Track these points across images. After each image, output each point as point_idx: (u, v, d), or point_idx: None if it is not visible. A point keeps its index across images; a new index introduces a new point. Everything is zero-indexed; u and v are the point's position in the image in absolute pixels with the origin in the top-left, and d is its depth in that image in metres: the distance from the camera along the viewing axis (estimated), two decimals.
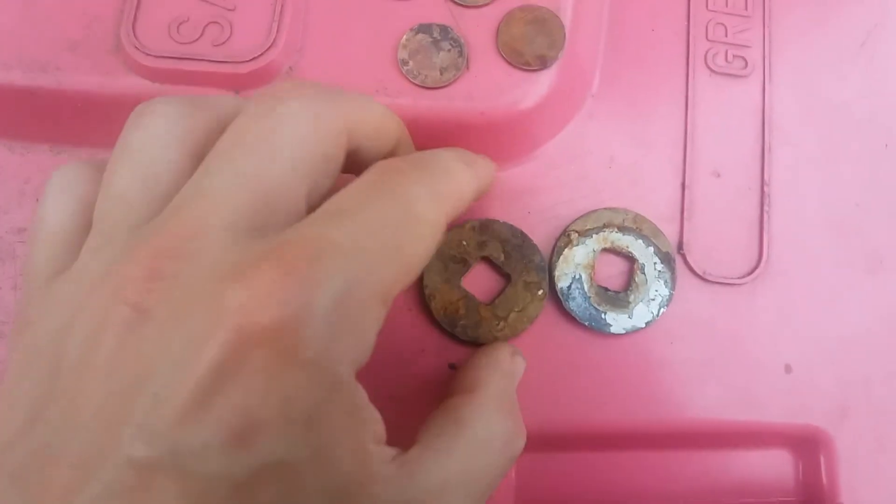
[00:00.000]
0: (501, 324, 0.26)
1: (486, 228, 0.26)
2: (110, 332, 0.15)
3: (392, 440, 0.25)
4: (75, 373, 0.15)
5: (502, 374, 0.22)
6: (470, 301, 0.26)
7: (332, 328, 0.15)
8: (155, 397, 0.14)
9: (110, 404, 0.15)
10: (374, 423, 0.18)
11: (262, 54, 0.25)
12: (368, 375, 0.25)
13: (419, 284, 0.26)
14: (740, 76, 0.29)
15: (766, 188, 0.28)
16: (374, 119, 0.20)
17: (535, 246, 0.27)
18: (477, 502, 0.19)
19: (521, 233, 0.27)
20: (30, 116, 0.27)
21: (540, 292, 0.26)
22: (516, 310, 0.26)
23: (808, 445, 0.27)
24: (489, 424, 0.20)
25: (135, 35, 0.26)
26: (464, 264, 0.26)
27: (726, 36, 0.30)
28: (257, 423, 0.14)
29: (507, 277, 0.27)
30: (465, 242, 0.26)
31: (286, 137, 0.17)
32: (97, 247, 0.17)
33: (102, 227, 0.18)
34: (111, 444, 0.14)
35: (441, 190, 0.18)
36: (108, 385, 0.15)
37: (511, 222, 0.27)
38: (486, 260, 0.27)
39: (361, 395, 0.17)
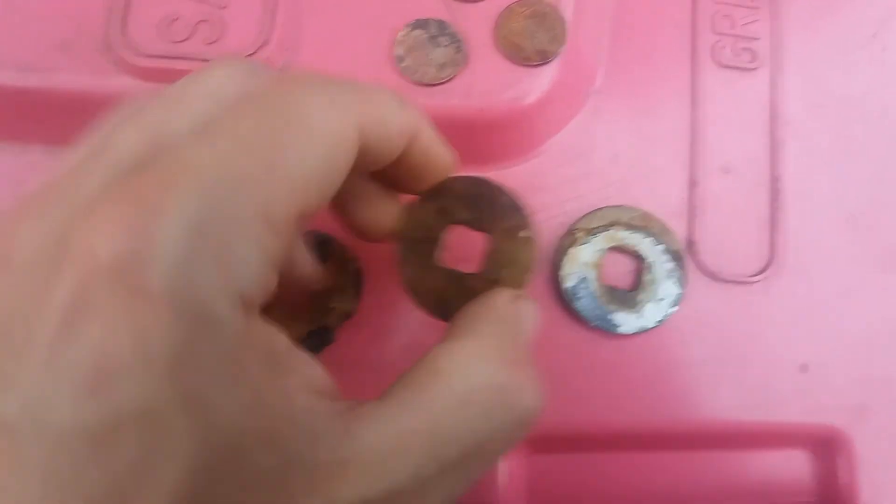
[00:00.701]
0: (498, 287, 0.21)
1: (440, 191, 0.22)
2: None
3: None
4: None
5: (497, 319, 0.19)
6: (453, 277, 0.22)
7: (190, 258, 0.14)
8: (11, 348, 0.13)
9: None
10: (304, 368, 0.16)
11: (255, 52, 0.25)
12: (369, 373, 0.25)
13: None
14: (748, 69, 0.29)
15: (776, 184, 0.27)
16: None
17: (498, 188, 0.22)
18: (450, 470, 0.16)
19: (478, 179, 0.22)
20: (22, 117, 0.26)
21: (521, 234, 0.22)
22: (506, 265, 0.22)
23: (825, 446, 0.27)
24: (471, 376, 0.17)
25: (125, 34, 0.25)
26: (431, 242, 0.22)
27: (733, 28, 0.29)
28: (109, 366, 0.13)
29: (485, 234, 0.22)
30: (424, 219, 0.22)
31: (202, 88, 0.16)
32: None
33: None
34: None
35: (346, 101, 0.16)
36: None
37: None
38: (456, 226, 0.22)
39: (273, 338, 0.16)
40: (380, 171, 0.19)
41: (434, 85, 0.25)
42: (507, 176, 0.27)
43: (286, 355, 0.16)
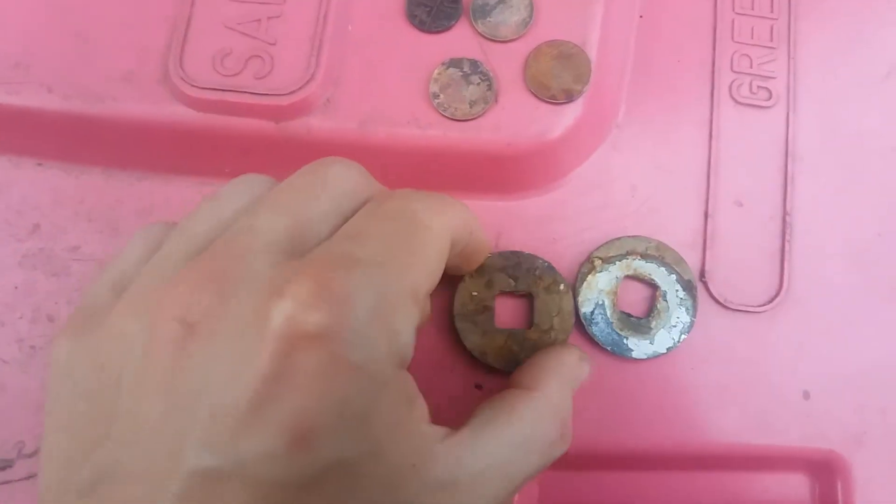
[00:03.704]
0: (553, 334, 0.27)
1: (482, 270, 0.27)
2: (161, 349, 0.17)
3: None
4: (134, 390, 0.17)
5: (564, 378, 0.23)
6: (515, 335, 0.27)
7: (371, 331, 0.17)
8: (212, 408, 0.16)
9: (171, 418, 0.16)
10: (423, 405, 0.19)
11: (301, 87, 0.27)
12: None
13: (458, 339, 0.27)
14: (764, 107, 0.30)
15: (787, 218, 0.29)
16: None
17: (531, 256, 0.28)
18: (510, 494, 0.20)
19: (511, 252, 0.28)
20: (85, 142, 0.29)
21: (561, 287, 0.27)
22: (555, 315, 0.27)
23: (825, 470, 0.28)
24: (539, 424, 0.21)
25: (182, 67, 0.27)
26: (487, 310, 0.27)
27: (751, 67, 0.30)
28: (315, 426, 0.16)
29: (528, 296, 0.28)
30: (475, 293, 0.27)
31: (329, 185, 0.20)
32: (152, 267, 0.19)
33: (161, 253, 0.20)
34: (177, 457, 0.16)
35: (437, 207, 0.20)
36: (167, 400, 0.16)
37: (536, 249, 0.28)
38: (502, 294, 0.28)
39: (410, 383, 0.19)
40: None
41: (466, 120, 0.27)
42: (531, 206, 0.29)
43: (414, 394, 0.19)
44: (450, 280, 0.28)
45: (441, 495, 0.18)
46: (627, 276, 0.28)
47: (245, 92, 0.27)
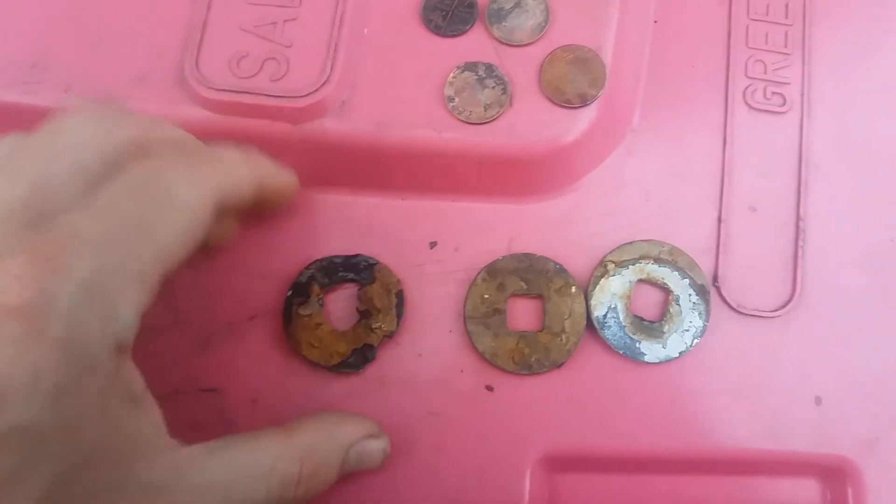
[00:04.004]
0: (564, 337, 0.27)
1: (494, 272, 0.28)
2: None
3: (430, 453, 0.27)
4: None
5: (330, 436, 0.24)
6: (527, 338, 0.27)
7: (81, 310, 0.17)
8: None
9: None
10: (152, 408, 0.20)
11: (317, 90, 0.27)
12: (408, 391, 0.27)
13: (470, 342, 0.27)
14: (778, 112, 0.30)
15: (801, 223, 0.29)
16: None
17: (543, 258, 0.28)
18: None
19: (523, 255, 0.28)
20: None
21: (573, 289, 0.28)
22: (566, 317, 0.27)
23: (836, 475, 0.28)
24: (277, 462, 0.22)
25: (198, 69, 0.27)
26: (498, 313, 0.27)
27: (765, 73, 0.30)
28: (6, 389, 0.16)
29: (540, 298, 0.28)
30: (486, 295, 0.27)
31: (67, 143, 0.19)
32: None
33: None
34: None
35: (203, 174, 0.20)
36: None
37: (549, 252, 0.28)
38: (514, 296, 0.28)
39: (134, 379, 0.19)
40: None
41: (481, 124, 0.27)
42: (545, 209, 0.29)
43: (140, 394, 0.20)
44: (461, 282, 0.28)
45: (146, 496, 0.19)
46: (640, 280, 0.28)
47: (261, 94, 0.27)
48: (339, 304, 0.28)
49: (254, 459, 0.21)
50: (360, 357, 0.27)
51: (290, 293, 0.27)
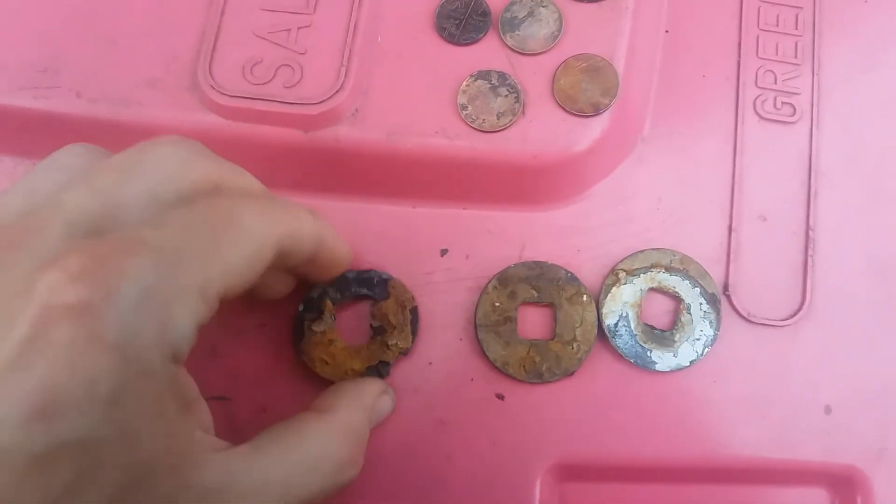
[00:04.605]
0: (575, 345, 0.27)
1: (505, 280, 0.28)
2: None
3: (440, 461, 0.26)
4: None
5: (359, 406, 0.24)
6: (538, 346, 0.27)
7: (139, 316, 0.16)
8: None
9: None
10: (201, 413, 0.20)
11: (330, 97, 0.27)
12: (419, 399, 0.27)
13: (481, 350, 0.27)
14: (789, 122, 0.30)
15: (811, 232, 0.29)
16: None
17: (554, 266, 0.28)
18: None
19: (534, 263, 0.28)
20: (113, 147, 0.28)
21: (584, 298, 0.28)
22: (577, 326, 0.27)
23: (845, 485, 0.28)
24: (325, 446, 0.21)
25: (211, 75, 0.27)
26: (509, 321, 0.27)
27: (776, 83, 0.30)
28: (60, 399, 0.15)
29: (551, 307, 0.28)
30: (497, 304, 0.27)
31: (148, 168, 0.19)
32: None
33: None
34: None
35: (273, 216, 0.20)
36: None
37: (560, 259, 0.28)
38: (525, 305, 0.28)
39: (187, 384, 0.19)
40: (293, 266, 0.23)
41: (493, 132, 0.27)
42: (556, 217, 0.29)
43: (193, 398, 0.19)
44: (472, 290, 0.28)
45: (203, 502, 0.18)
46: (651, 289, 0.28)
47: (274, 101, 0.27)
48: (350, 319, 0.28)
49: (303, 450, 0.21)
50: (374, 374, 0.27)
51: (301, 308, 0.27)
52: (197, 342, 0.26)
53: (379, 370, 0.27)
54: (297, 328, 0.27)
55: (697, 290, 0.28)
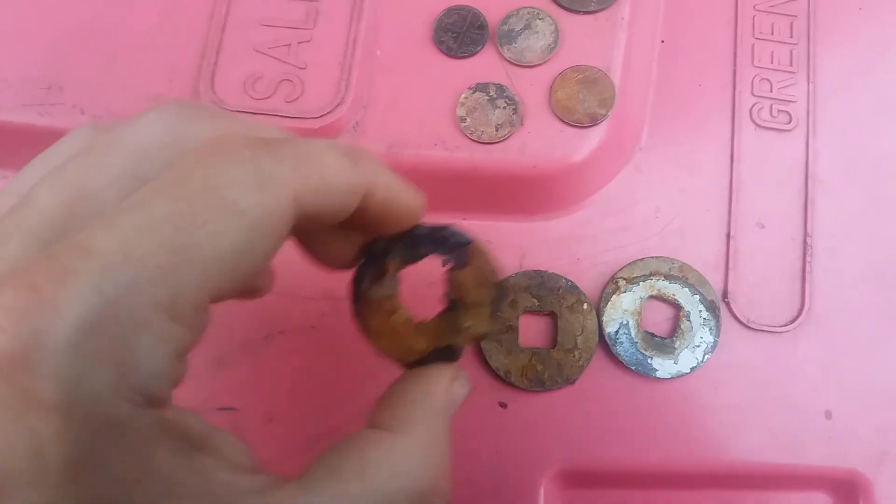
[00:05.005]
0: (576, 353, 0.27)
1: (506, 290, 0.27)
2: None
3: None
4: None
5: (433, 411, 0.18)
6: (539, 354, 0.28)
7: (83, 358, 0.13)
8: None
9: None
10: (223, 446, 0.16)
11: (331, 111, 0.27)
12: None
13: (483, 358, 0.27)
14: (785, 130, 0.30)
15: (808, 239, 0.29)
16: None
17: (555, 275, 0.28)
18: None
19: (535, 272, 0.28)
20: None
21: (585, 306, 0.28)
22: (578, 334, 0.28)
23: (847, 489, 0.28)
24: (401, 475, 0.16)
25: (213, 90, 0.28)
26: (511, 330, 0.28)
27: (771, 91, 0.31)
28: (3, 475, 0.12)
29: (552, 315, 0.28)
30: (498, 313, 0.26)
31: (127, 142, 0.16)
32: None
33: None
34: None
35: (277, 174, 0.15)
36: None
37: (560, 268, 0.28)
38: (526, 313, 0.28)
39: (186, 421, 0.15)
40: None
41: (492, 143, 0.27)
42: (555, 226, 0.29)
43: (202, 436, 0.15)
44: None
45: None
46: (651, 297, 0.28)
47: (276, 115, 0.27)
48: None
49: (371, 483, 0.16)
50: (439, 359, 0.21)
51: (361, 262, 0.21)
52: (203, 353, 0.26)
53: (446, 355, 0.21)
54: (356, 284, 0.21)
55: (697, 297, 0.28)
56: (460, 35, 0.28)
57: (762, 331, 0.28)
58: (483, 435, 0.28)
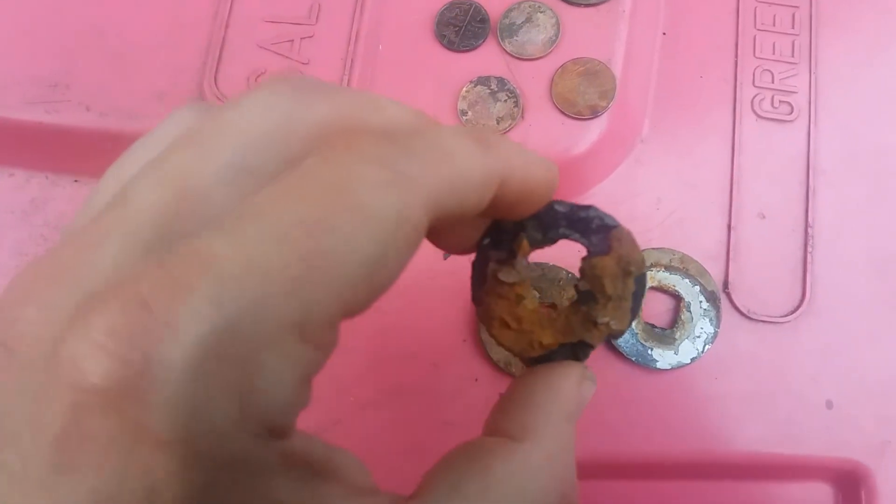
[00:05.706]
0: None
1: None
2: None
3: None
4: None
5: (563, 415, 0.17)
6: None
7: (202, 387, 0.11)
8: (7, 469, 0.11)
9: None
10: (343, 469, 0.15)
11: None
12: (424, 400, 0.27)
13: (484, 351, 0.27)
14: (786, 121, 0.30)
15: (809, 230, 0.29)
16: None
17: (555, 267, 0.28)
18: None
19: (536, 264, 0.28)
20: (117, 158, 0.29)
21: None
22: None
23: (848, 479, 0.28)
24: (529, 491, 0.15)
25: (217, 86, 0.28)
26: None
27: (773, 82, 0.31)
28: None
29: (553, 307, 0.27)
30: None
31: (234, 130, 0.13)
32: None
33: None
34: None
35: (413, 172, 0.13)
36: None
37: (561, 261, 0.28)
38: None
39: (310, 450, 0.14)
40: None
41: None
42: None
43: (324, 461, 0.14)
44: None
45: None
46: (652, 288, 0.29)
47: None
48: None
49: (494, 501, 0.15)
50: (567, 356, 0.18)
51: (486, 241, 0.18)
52: None
53: (576, 352, 0.18)
54: (479, 265, 0.18)
55: (697, 288, 0.28)
56: (462, 29, 0.28)
57: (763, 321, 0.29)
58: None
